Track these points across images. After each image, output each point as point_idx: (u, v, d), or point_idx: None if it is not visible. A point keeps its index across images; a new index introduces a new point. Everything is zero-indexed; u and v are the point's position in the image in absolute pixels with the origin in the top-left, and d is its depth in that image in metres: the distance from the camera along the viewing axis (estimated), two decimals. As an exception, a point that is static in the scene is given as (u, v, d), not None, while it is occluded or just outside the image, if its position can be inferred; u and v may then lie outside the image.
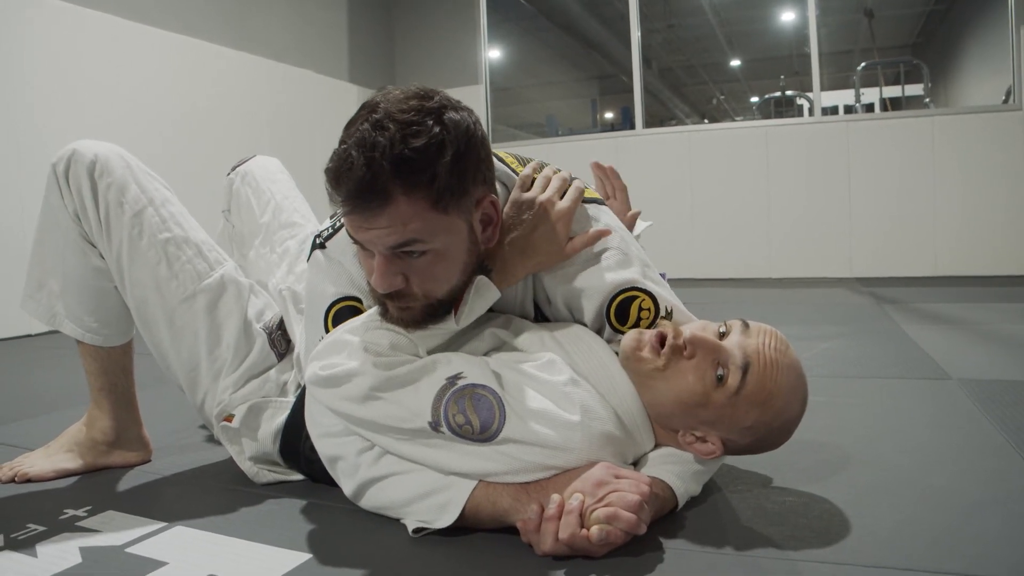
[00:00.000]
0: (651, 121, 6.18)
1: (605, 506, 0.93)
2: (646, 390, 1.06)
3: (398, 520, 1.07)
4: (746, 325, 1.05)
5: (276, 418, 1.31)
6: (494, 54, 6.99)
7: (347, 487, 1.11)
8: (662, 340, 1.05)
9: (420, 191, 0.93)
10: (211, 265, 1.36)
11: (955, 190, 5.10)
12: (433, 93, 0.96)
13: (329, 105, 5.83)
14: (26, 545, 1.07)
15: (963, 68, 9.05)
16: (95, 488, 1.33)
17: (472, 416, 0.98)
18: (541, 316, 1.21)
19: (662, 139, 5.93)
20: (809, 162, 5.45)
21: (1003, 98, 5.67)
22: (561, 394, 1.01)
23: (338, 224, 1.15)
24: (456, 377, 1.00)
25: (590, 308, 1.14)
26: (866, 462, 1.35)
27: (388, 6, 6.84)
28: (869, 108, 7.50)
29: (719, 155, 5.69)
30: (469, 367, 1.02)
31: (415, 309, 1.03)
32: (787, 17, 9.81)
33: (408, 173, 0.91)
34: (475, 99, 6.24)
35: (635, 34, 5.93)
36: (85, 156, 1.29)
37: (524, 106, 10.20)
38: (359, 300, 1.13)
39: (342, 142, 0.94)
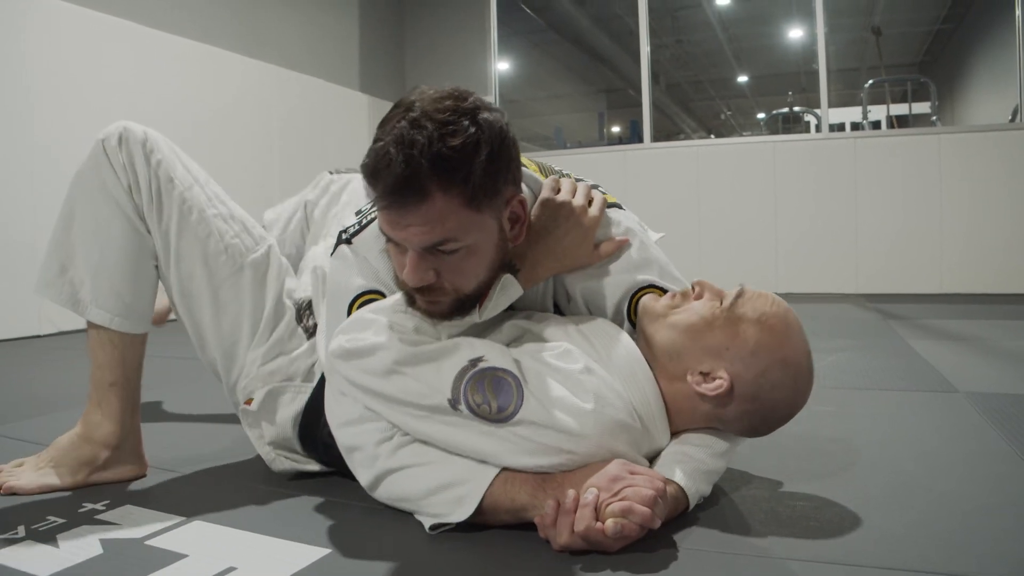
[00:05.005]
0: (658, 136, 6.20)
1: (620, 500, 0.95)
2: (661, 329, 1.10)
3: (415, 515, 1.09)
4: None
5: (295, 402, 1.33)
6: (503, 66, 7.04)
7: (364, 478, 1.12)
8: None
9: (456, 189, 0.95)
10: (256, 240, 1.40)
11: (961, 208, 5.11)
12: (467, 94, 0.98)
13: (339, 114, 5.87)
14: (47, 536, 1.08)
15: (970, 86, 9.08)
16: (112, 483, 1.34)
17: (491, 397, 1.00)
18: (559, 313, 1.24)
19: (670, 153, 5.96)
20: (816, 178, 5.47)
21: (1010, 117, 5.69)
22: (576, 382, 1.03)
23: (364, 221, 1.17)
24: (478, 359, 1.03)
25: (610, 306, 1.19)
26: (875, 468, 1.37)
27: (400, 17, 6.89)
28: (876, 125, 7.52)
29: (727, 170, 5.71)
30: (490, 351, 1.04)
31: (443, 303, 1.06)
32: (795, 34, 9.86)
33: (445, 171, 0.93)
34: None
35: (644, 49, 5.97)
36: (136, 133, 1.31)
37: (532, 119, 10.25)
38: (383, 295, 1.15)
39: (378, 139, 0.96)
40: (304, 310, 1.40)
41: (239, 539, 1.08)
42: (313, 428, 1.30)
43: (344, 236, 1.19)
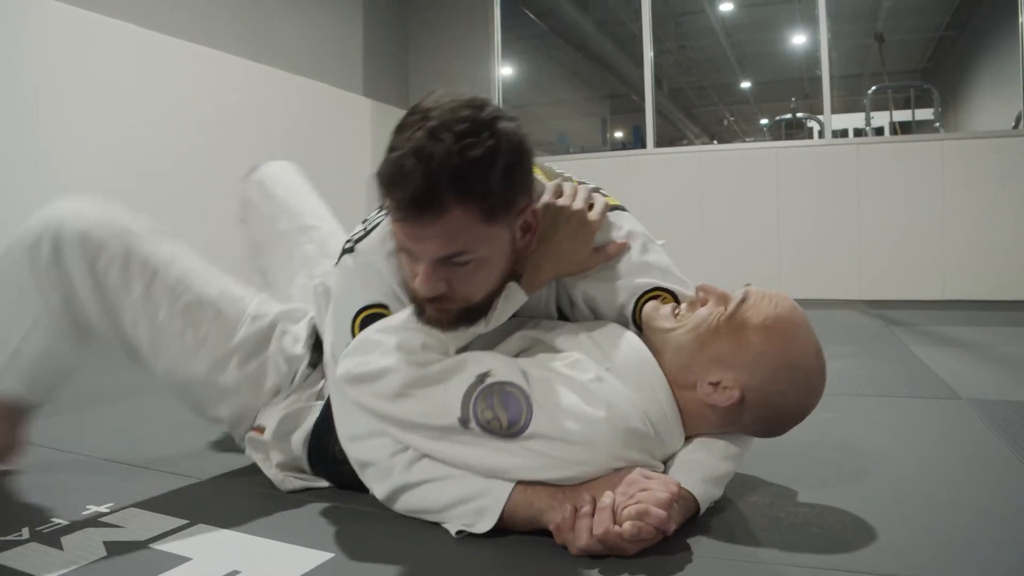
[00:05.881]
0: (661, 141, 6.21)
1: (636, 504, 0.95)
2: (668, 342, 1.10)
3: (423, 520, 1.09)
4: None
5: (307, 423, 1.31)
6: (507, 71, 7.06)
7: (379, 491, 1.12)
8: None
9: (473, 203, 0.94)
10: (232, 322, 1.34)
11: (964, 214, 5.10)
12: (485, 102, 0.97)
13: (343, 118, 5.87)
14: (51, 538, 1.09)
15: (973, 93, 9.09)
16: (116, 486, 1.34)
17: (500, 412, 1.00)
18: (563, 319, 1.24)
19: (673, 159, 5.96)
20: (819, 184, 5.46)
21: (1013, 123, 5.69)
22: (587, 391, 1.02)
23: (370, 227, 1.16)
24: (485, 375, 1.02)
25: (613, 310, 1.19)
26: (878, 475, 1.37)
27: (404, 22, 6.90)
28: (879, 131, 7.52)
29: (729, 176, 5.71)
30: (498, 365, 1.04)
31: (452, 312, 1.05)
32: (798, 40, 9.88)
33: (463, 186, 0.92)
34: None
35: (648, 54, 5.98)
36: (72, 235, 1.24)
37: (536, 124, 10.26)
38: (386, 307, 1.14)
39: (394, 148, 0.94)
40: (315, 348, 1.37)
41: (243, 543, 1.08)
42: (324, 444, 1.28)
43: (347, 244, 1.18)
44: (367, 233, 1.16)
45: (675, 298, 1.17)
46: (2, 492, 1.30)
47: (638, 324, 1.17)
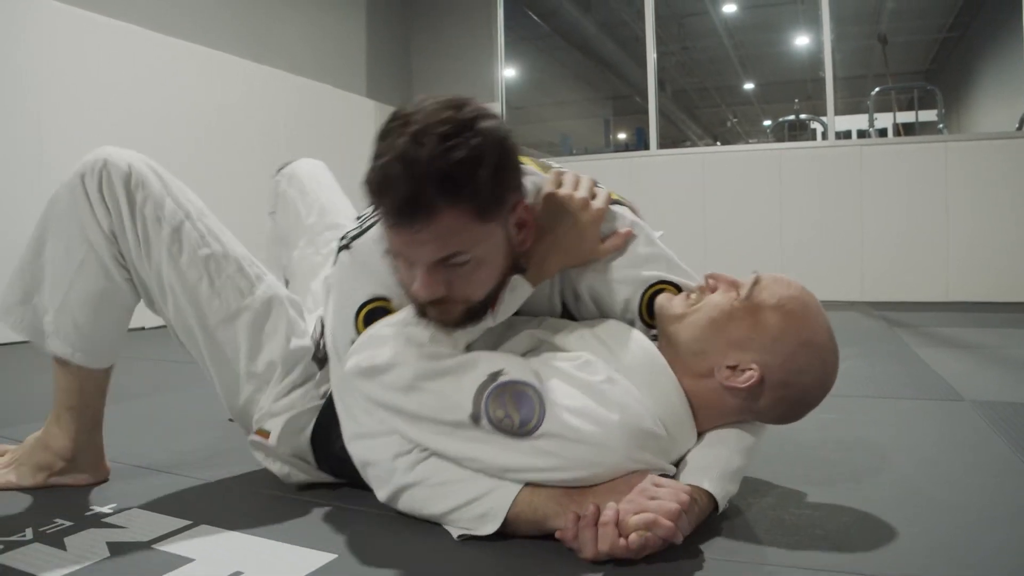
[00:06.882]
0: (664, 143, 6.21)
1: (644, 514, 0.94)
2: (682, 328, 1.09)
3: (426, 521, 1.09)
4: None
5: (312, 423, 1.30)
6: (510, 73, 7.06)
7: (381, 492, 1.11)
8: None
9: (463, 204, 0.93)
10: (252, 282, 1.34)
11: (967, 215, 5.10)
12: (465, 102, 0.96)
13: (346, 119, 5.88)
14: (54, 539, 1.09)
15: (977, 94, 9.08)
16: (119, 487, 1.35)
17: (512, 411, 0.99)
18: (567, 313, 1.24)
19: (676, 160, 5.96)
20: (822, 186, 5.46)
21: (1016, 125, 5.69)
22: (599, 393, 1.02)
23: (365, 225, 1.16)
24: (498, 373, 1.02)
25: (619, 303, 1.18)
26: (880, 476, 1.36)
27: (407, 23, 6.91)
28: (882, 133, 7.51)
29: (732, 177, 5.71)
30: (511, 364, 1.04)
31: (455, 313, 1.05)
32: (801, 42, 9.88)
33: (452, 187, 0.92)
34: (490, 117, 6.29)
35: (651, 56, 5.98)
36: (119, 167, 1.25)
37: (538, 125, 10.26)
38: (389, 300, 1.13)
39: (379, 155, 0.94)
40: (322, 346, 1.36)
41: (246, 543, 1.08)
42: (325, 443, 1.28)
43: (343, 242, 1.17)
44: (363, 231, 1.16)
45: (679, 291, 1.17)
46: (5, 493, 1.30)
47: (643, 318, 1.17)
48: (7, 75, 3.52)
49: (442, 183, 0.91)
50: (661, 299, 1.14)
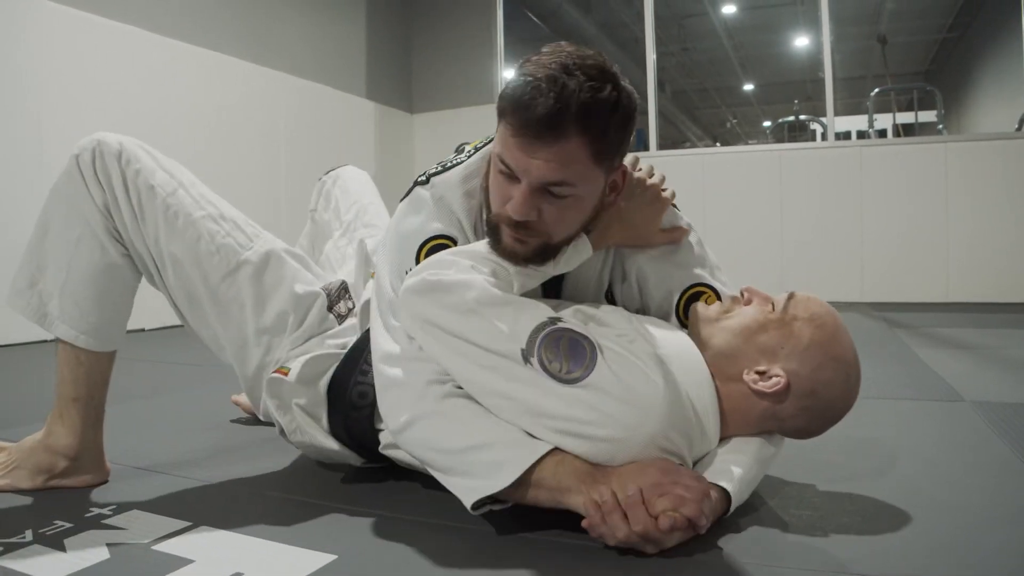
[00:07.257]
0: (664, 144, 6.22)
1: (669, 495, 0.95)
2: (715, 333, 1.13)
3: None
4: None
5: (332, 368, 1.31)
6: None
7: (398, 416, 1.08)
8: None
9: (591, 137, 0.99)
10: (250, 237, 1.38)
11: (967, 216, 5.11)
12: (610, 62, 1.02)
13: (346, 120, 5.89)
14: (54, 541, 1.09)
15: (976, 95, 9.09)
16: (119, 488, 1.35)
17: (564, 357, 0.99)
18: (610, 294, 1.27)
19: (676, 161, 5.97)
20: (822, 187, 5.47)
21: (1016, 125, 5.69)
22: (646, 363, 1.02)
23: (449, 164, 1.19)
24: (558, 319, 1.03)
25: (661, 294, 1.23)
26: (880, 477, 1.37)
27: (406, 24, 6.92)
28: (882, 134, 7.52)
29: (732, 178, 5.71)
30: (570, 317, 1.06)
31: (530, 244, 1.08)
32: (801, 42, 9.89)
33: (588, 118, 0.97)
34: (491, 118, 6.27)
35: (650, 57, 5.98)
36: (111, 146, 1.29)
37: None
38: (455, 241, 1.16)
39: (527, 75, 0.99)
40: (337, 296, 1.40)
41: (246, 544, 1.08)
42: (344, 386, 1.28)
43: (421, 178, 1.20)
44: (445, 169, 1.19)
45: (719, 298, 1.22)
46: (4, 494, 1.30)
47: (679, 315, 1.22)
48: (7, 75, 3.53)
49: (581, 111, 0.97)
50: (698, 305, 1.19)
